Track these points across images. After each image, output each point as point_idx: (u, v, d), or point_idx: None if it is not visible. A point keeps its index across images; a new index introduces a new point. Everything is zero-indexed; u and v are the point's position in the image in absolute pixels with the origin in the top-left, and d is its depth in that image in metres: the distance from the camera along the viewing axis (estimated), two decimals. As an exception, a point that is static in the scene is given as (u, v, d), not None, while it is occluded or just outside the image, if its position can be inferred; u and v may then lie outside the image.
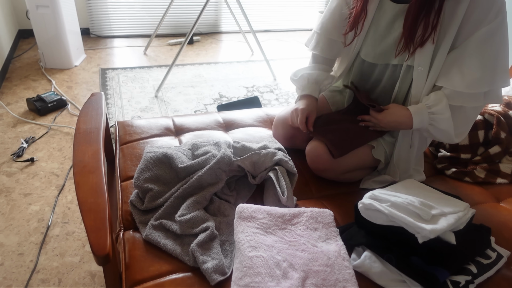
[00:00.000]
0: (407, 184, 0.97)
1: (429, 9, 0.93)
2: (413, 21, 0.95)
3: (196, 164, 0.99)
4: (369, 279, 0.82)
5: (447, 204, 0.87)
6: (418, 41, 0.97)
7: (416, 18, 0.95)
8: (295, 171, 1.03)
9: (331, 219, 0.92)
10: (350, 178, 1.13)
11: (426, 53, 0.98)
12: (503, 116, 1.25)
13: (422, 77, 1.02)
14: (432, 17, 0.93)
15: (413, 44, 0.98)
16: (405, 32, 0.98)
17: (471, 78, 0.93)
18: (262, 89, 2.62)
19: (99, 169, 0.86)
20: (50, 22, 2.35)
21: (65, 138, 1.91)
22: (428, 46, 0.97)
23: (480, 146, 1.26)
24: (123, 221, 0.94)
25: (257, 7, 3.60)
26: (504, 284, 0.85)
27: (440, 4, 0.92)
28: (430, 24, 0.94)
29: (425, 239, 0.76)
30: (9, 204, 1.50)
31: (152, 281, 0.79)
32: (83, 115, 1.06)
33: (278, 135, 1.23)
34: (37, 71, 2.50)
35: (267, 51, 3.21)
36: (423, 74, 1.01)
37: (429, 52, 0.98)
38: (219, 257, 0.82)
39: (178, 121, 1.33)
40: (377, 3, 1.06)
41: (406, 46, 0.99)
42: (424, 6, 0.93)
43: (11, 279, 1.23)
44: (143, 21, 3.24)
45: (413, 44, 0.98)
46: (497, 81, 0.95)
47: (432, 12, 0.93)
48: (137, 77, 2.59)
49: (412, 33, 0.97)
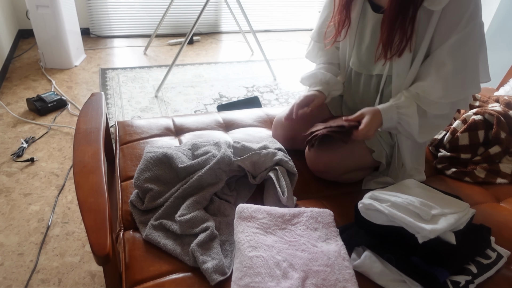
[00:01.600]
0: (407, 184, 0.98)
1: (404, 18, 0.92)
2: (388, 30, 0.95)
3: (196, 164, 0.99)
4: (369, 279, 0.82)
5: (447, 204, 0.87)
6: (395, 49, 0.97)
7: (391, 27, 0.94)
8: (295, 171, 1.03)
9: (331, 219, 0.92)
10: (350, 179, 1.13)
11: (404, 61, 0.99)
12: (503, 116, 1.25)
13: (401, 85, 1.02)
14: (406, 25, 0.93)
15: (390, 52, 0.98)
16: (381, 41, 0.98)
17: (440, 88, 0.93)
18: (262, 89, 2.61)
19: (99, 169, 0.86)
20: (50, 22, 2.35)
21: (65, 138, 1.91)
22: (405, 55, 0.97)
23: (480, 146, 1.26)
24: (123, 221, 0.94)
25: (257, 7, 3.60)
26: (504, 284, 0.85)
27: (414, 12, 0.91)
28: (406, 33, 0.94)
29: (425, 239, 0.76)
30: (9, 204, 1.50)
31: (152, 281, 0.79)
32: (83, 115, 1.06)
33: (278, 136, 1.23)
34: (37, 71, 2.50)
35: (267, 51, 3.20)
36: (402, 83, 1.02)
37: (407, 60, 0.98)
38: (219, 257, 0.82)
39: (178, 121, 1.33)
40: (359, 11, 1.06)
41: (385, 55, 0.99)
42: (399, 15, 0.92)
43: (11, 279, 1.23)
44: (143, 21, 3.24)
45: (390, 51, 0.98)
46: (466, 90, 0.95)
47: (406, 21, 0.92)
48: (137, 77, 2.59)
49: (388, 41, 0.97)
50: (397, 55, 0.97)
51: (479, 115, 1.27)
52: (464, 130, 1.26)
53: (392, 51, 0.97)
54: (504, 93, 1.59)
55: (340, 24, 1.08)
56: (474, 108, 1.42)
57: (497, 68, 2.42)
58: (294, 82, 2.77)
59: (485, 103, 1.46)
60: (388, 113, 0.98)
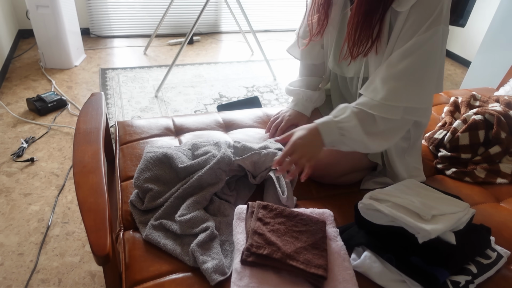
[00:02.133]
0: (407, 184, 0.97)
1: (371, 18, 0.89)
2: (354, 29, 0.91)
3: (196, 164, 0.99)
4: (369, 279, 0.82)
5: (447, 204, 0.87)
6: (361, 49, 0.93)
7: (357, 25, 0.91)
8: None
9: (331, 219, 0.92)
10: (347, 181, 1.13)
11: (377, 64, 0.95)
12: (503, 116, 1.25)
13: None
14: (373, 25, 0.90)
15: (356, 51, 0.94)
16: (347, 39, 0.95)
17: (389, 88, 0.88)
18: (262, 89, 2.61)
19: (99, 169, 0.86)
20: (50, 22, 2.35)
21: (65, 138, 1.91)
22: (378, 57, 0.94)
23: (480, 146, 1.26)
24: (123, 221, 0.94)
25: (257, 7, 3.60)
26: (504, 284, 0.85)
27: (382, 14, 0.89)
28: (372, 34, 0.91)
29: (425, 239, 0.76)
30: (9, 204, 1.50)
31: (152, 281, 0.79)
32: (83, 115, 1.06)
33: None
34: (37, 71, 2.50)
35: (267, 51, 3.21)
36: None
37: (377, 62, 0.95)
38: (219, 257, 0.82)
39: (178, 121, 1.33)
40: (340, 8, 1.03)
41: (350, 54, 0.96)
42: (367, 15, 0.89)
43: (11, 279, 1.23)
44: (143, 21, 3.24)
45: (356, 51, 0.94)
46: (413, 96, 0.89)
47: (373, 21, 0.89)
48: (137, 77, 2.59)
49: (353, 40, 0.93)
50: (363, 55, 0.94)
51: (479, 115, 1.27)
52: (464, 130, 1.26)
53: (357, 51, 0.94)
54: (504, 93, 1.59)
55: (319, 23, 1.04)
56: (474, 108, 1.42)
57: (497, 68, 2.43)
58: (294, 82, 2.77)
59: (485, 103, 1.46)
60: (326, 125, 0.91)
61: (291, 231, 0.83)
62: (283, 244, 0.78)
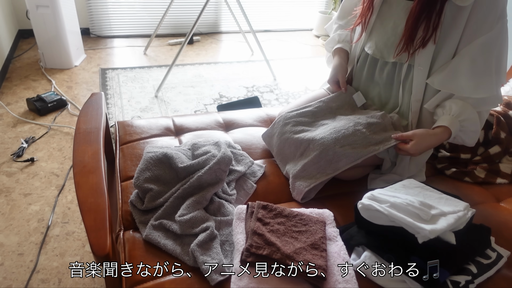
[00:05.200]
0: (406, 184, 0.97)
1: (431, 10, 0.94)
2: (414, 22, 0.97)
3: (196, 164, 0.99)
4: (369, 279, 0.82)
5: (447, 204, 0.87)
6: (419, 42, 0.98)
7: (417, 19, 0.96)
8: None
9: (331, 219, 0.92)
10: (351, 176, 1.13)
11: (427, 53, 1.00)
12: (503, 116, 1.25)
13: (423, 76, 1.03)
14: (433, 18, 0.95)
15: (412, 45, 1.00)
16: (406, 33, 1.00)
17: (478, 83, 0.96)
18: (262, 89, 2.61)
19: (99, 169, 0.86)
20: (50, 22, 2.35)
21: (65, 138, 1.91)
22: (429, 46, 0.99)
23: (480, 146, 1.26)
24: (123, 221, 0.94)
25: (257, 7, 3.60)
26: (504, 284, 0.85)
27: (441, 5, 0.93)
28: (432, 25, 0.95)
29: (425, 239, 0.76)
30: (9, 204, 1.50)
31: (152, 281, 0.79)
32: (83, 115, 1.06)
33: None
34: (37, 71, 2.50)
35: (267, 51, 3.20)
36: (424, 74, 1.03)
37: (430, 52, 1.00)
38: (219, 257, 0.82)
39: (178, 121, 1.33)
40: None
41: (406, 47, 1.01)
42: (426, 7, 0.94)
43: (11, 279, 1.23)
44: (143, 21, 3.24)
45: (412, 45, 1.00)
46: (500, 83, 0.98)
47: (433, 13, 0.94)
48: (137, 77, 2.59)
49: (412, 34, 0.99)
50: (421, 46, 0.99)
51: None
52: (464, 130, 1.26)
53: (415, 45, 0.99)
54: (504, 93, 1.59)
55: (364, 14, 1.11)
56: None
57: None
58: (294, 82, 2.77)
59: (485, 103, 1.46)
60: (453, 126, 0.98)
61: (290, 231, 0.83)
62: (282, 245, 0.78)
